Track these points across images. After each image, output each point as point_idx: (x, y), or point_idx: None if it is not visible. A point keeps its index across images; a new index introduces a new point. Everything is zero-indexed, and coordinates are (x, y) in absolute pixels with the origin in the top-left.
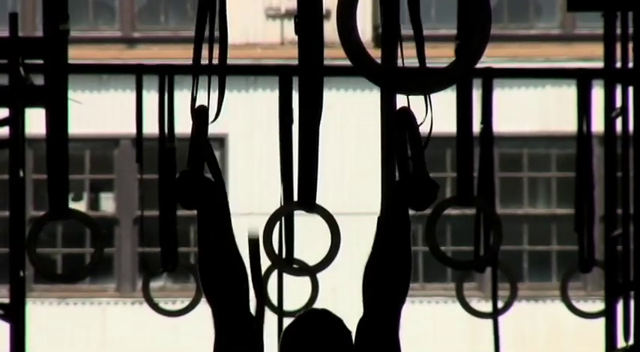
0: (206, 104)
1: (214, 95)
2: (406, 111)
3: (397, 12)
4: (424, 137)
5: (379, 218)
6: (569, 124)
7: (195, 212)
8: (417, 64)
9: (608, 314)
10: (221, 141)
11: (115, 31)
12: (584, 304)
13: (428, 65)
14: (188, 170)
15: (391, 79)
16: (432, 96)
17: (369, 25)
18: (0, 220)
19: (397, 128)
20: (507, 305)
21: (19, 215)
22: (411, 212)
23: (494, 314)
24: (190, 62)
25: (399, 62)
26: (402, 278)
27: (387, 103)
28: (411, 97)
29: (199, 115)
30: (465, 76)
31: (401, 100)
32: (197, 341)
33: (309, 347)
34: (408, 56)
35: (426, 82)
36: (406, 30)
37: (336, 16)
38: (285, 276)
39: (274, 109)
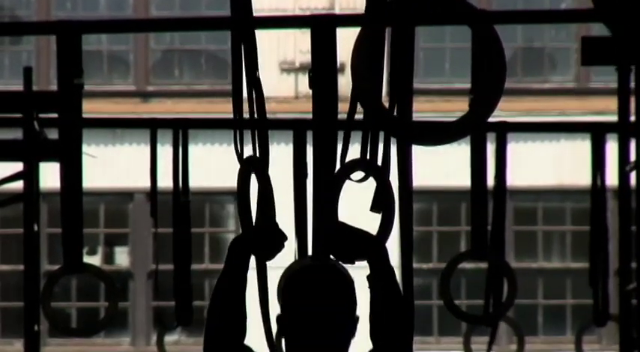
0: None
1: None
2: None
3: (410, 65)
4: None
5: (368, 276)
6: (583, 178)
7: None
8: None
9: None
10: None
11: (129, 85)
12: None
13: (442, 119)
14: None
15: (407, 131)
16: (448, 151)
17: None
18: (14, 274)
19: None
20: None
21: (33, 269)
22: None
23: None
24: (204, 116)
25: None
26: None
27: (402, 155)
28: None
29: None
30: (477, 128)
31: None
32: None
33: (311, 299)
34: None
35: (440, 133)
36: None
37: (351, 69)
38: None
39: (288, 163)
